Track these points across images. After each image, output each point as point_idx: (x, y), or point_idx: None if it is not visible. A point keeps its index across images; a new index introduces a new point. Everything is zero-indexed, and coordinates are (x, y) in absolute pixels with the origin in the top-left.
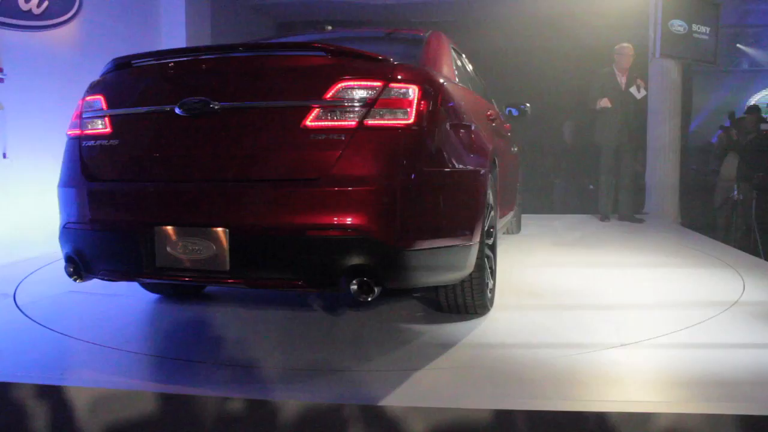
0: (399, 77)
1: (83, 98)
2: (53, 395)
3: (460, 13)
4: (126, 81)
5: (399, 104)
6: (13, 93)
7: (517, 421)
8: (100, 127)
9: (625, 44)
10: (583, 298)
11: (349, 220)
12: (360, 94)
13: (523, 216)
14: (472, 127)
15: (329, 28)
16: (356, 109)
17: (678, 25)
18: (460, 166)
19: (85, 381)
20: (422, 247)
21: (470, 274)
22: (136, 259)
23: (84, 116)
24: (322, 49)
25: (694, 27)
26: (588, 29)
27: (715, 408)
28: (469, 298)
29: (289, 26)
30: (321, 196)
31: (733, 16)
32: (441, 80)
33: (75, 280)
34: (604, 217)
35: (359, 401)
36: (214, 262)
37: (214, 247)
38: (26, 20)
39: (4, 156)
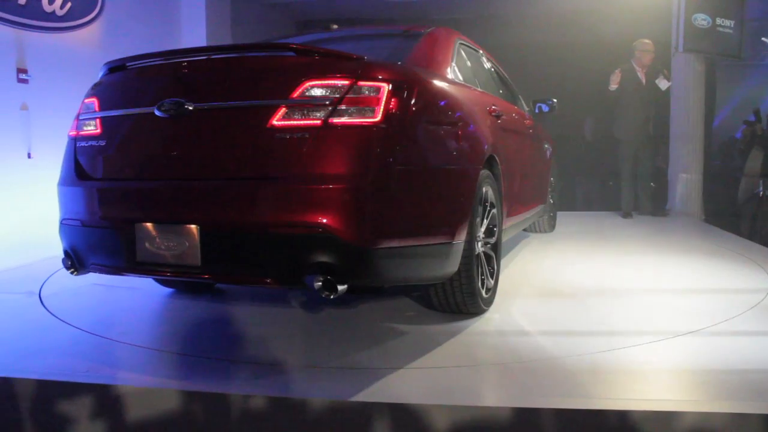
0: (367, 75)
1: (83, 100)
2: (78, 392)
3: (480, 9)
4: (116, 84)
5: (366, 102)
6: (37, 94)
7: (538, 419)
8: (92, 128)
9: (646, 40)
10: (605, 294)
11: (310, 219)
12: (326, 92)
13: None
14: (462, 125)
15: (335, 26)
16: (322, 107)
17: (701, 19)
18: (439, 165)
19: (110, 378)
20: (389, 246)
21: (458, 274)
22: (120, 254)
23: (80, 118)
24: (291, 49)
25: (718, 21)
26: (609, 24)
27: (742, 407)
28: (459, 298)
29: (308, 24)
30: (284, 195)
31: (758, 8)
32: (421, 77)
33: (72, 272)
34: (626, 214)
35: (381, 399)
36: (187, 257)
37: (187, 244)
38: (50, 22)
39: (29, 156)
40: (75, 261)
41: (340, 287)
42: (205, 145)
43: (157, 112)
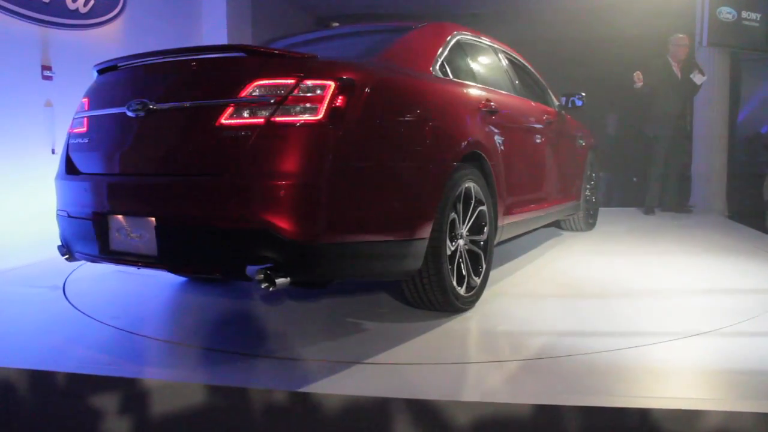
0: (312, 74)
1: (82, 99)
2: (101, 386)
3: (502, 4)
4: (102, 85)
5: (309, 101)
6: (61, 90)
7: (558, 416)
8: (81, 127)
9: (681, 35)
10: (627, 291)
11: (251, 214)
12: (272, 91)
13: None
14: (429, 121)
15: (336, 24)
16: (267, 106)
17: (726, 13)
18: (393, 162)
19: (133, 372)
20: (330, 242)
21: (427, 271)
22: (97, 243)
23: (75, 116)
24: (242, 50)
25: (744, 14)
26: (632, 19)
27: (765, 406)
28: (431, 296)
29: (328, 20)
30: (227, 191)
31: None
32: (375, 74)
33: (66, 259)
34: (649, 210)
35: (403, 395)
36: (147, 248)
37: (147, 236)
38: (73, 19)
39: (53, 152)
40: (67, 249)
41: (279, 281)
42: (163, 143)
43: (127, 112)
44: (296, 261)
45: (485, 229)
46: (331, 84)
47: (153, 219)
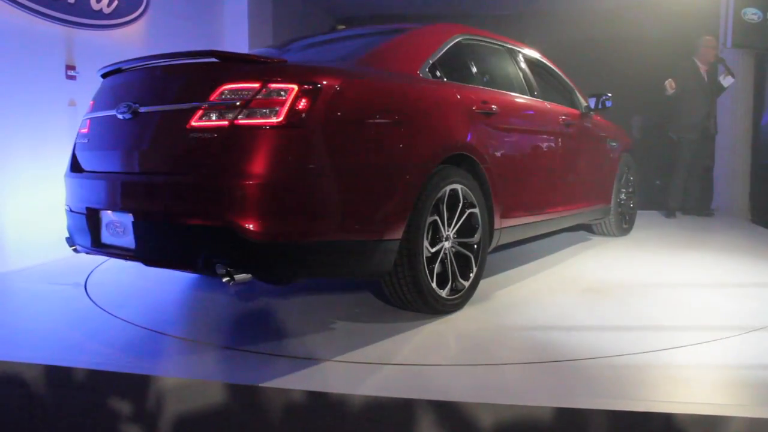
0: (276, 78)
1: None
2: (120, 382)
3: (524, 6)
4: (104, 88)
5: (270, 104)
6: (84, 90)
7: (580, 420)
8: (85, 127)
9: (709, 36)
10: (650, 295)
11: (213, 212)
12: (238, 95)
13: None
14: (405, 123)
15: (342, 27)
16: (233, 109)
17: (752, 14)
18: (359, 163)
19: (152, 369)
20: (290, 241)
21: (403, 272)
22: (91, 236)
23: (84, 117)
24: (214, 55)
25: None
26: (655, 19)
27: None
28: (409, 296)
29: (348, 21)
30: (193, 189)
31: None
32: (343, 77)
33: (73, 250)
34: (671, 214)
35: (424, 396)
36: (128, 242)
37: (127, 230)
38: (97, 19)
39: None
40: (72, 241)
41: (239, 276)
42: (144, 143)
43: (117, 114)
44: (256, 259)
45: (477, 232)
46: (294, 87)
47: (131, 214)
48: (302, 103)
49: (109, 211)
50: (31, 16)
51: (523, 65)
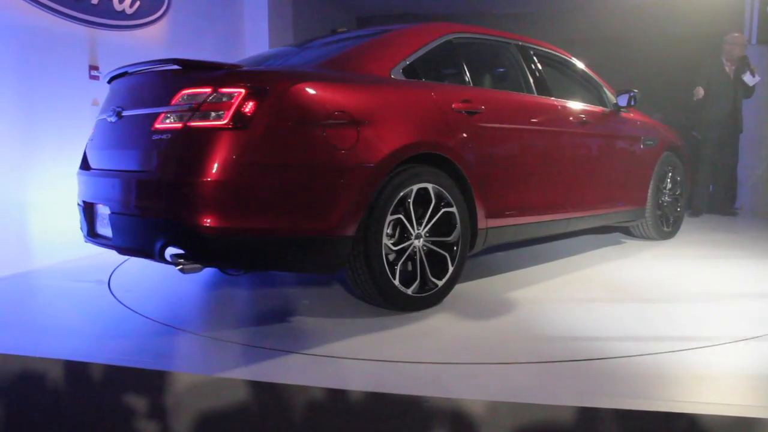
0: (226, 83)
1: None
2: (144, 379)
3: (547, 4)
4: (108, 92)
5: (219, 107)
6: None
7: (602, 420)
8: (93, 128)
9: (736, 33)
10: (672, 294)
11: (165, 207)
12: (193, 99)
13: None
14: (359, 123)
15: (343, 29)
16: (186, 112)
17: None
18: (308, 162)
19: (175, 366)
20: (231, 234)
21: (361, 268)
22: (88, 227)
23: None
24: (177, 63)
25: None
26: (678, 16)
27: None
28: (368, 291)
29: (367, 20)
30: (152, 186)
31: None
32: (289, 81)
33: (85, 240)
34: (696, 213)
35: (442, 395)
36: (108, 232)
37: (106, 221)
38: (120, 20)
39: None
40: (82, 231)
41: (189, 266)
42: (122, 144)
43: (106, 117)
44: (203, 250)
45: (455, 231)
46: (242, 91)
47: (109, 208)
48: (249, 106)
49: (100, 205)
50: (55, 17)
51: (530, 62)
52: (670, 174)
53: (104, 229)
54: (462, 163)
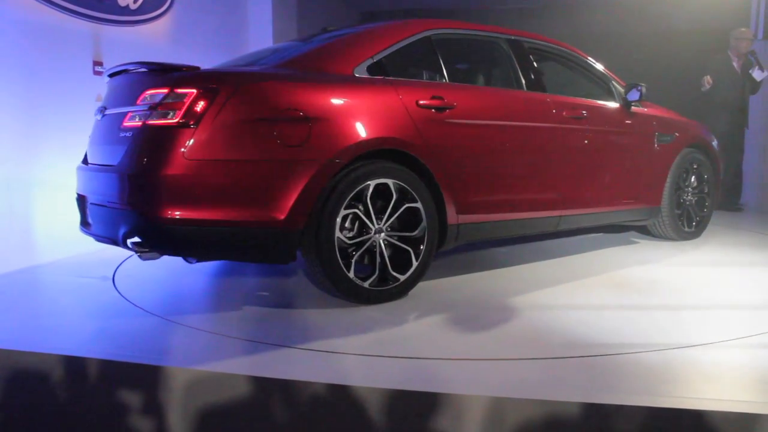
0: (180, 84)
1: None
2: (149, 375)
3: None
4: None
5: (172, 106)
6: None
7: (607, 416)
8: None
9: (743, 29)
10: (676, 293)
11: (125, 199)
12: (153, 99)
13: None
14: (312, 121)
15: (332, 28)
16: (146, 111)
17: None
18: (256, 158)
19: (180, 362)
20: (181, 224)
21: (317, 261)
22: (81, 216)
23: None
24: (143, 65)
25: None
26: (684, 12)
27: None
28: (324, 283)
29: (373, 16)
30: (115, 179)
31: None
32: (240, 81)
33: (80, 229)
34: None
35: (445, 390)
36: (88, 220)
37: (87, 211)
38: (124, 15)
39: None
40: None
41: (146, 254)
42: (101, 140)
43: (95, 115)
44: (157, 239)
45: (420, 226)
46: (194, 91)
47: (89, 199)
48: (200, 105)
49: (88, 196)
50: (59, 13)
51: (523, 57)
52: (691, 171)
53: (90, 219)
54: (427, 159)
